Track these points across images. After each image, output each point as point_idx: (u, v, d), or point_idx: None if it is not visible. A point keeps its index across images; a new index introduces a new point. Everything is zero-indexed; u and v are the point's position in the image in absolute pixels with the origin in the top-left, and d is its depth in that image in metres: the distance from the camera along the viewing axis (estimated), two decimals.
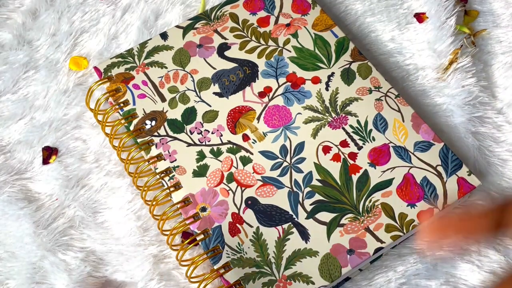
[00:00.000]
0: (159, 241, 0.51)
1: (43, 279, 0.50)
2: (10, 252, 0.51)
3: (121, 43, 0.61)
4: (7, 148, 0.56)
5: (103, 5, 0.63)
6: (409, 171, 0.51)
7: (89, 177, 0.54)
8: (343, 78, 0.55)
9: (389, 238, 0.48)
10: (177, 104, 0.54)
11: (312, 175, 0.51)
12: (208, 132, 0.53)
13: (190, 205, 0.50)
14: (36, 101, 0.58)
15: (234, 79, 0.56)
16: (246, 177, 0.51)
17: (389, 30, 0.61)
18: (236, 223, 0.49)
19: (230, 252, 0.48)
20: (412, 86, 0.59)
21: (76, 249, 0.51)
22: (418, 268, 0.50)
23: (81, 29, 0.61)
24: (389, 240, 0.48)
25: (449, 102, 0.57)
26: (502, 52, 0.61)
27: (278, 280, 0.47)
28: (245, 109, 0.54)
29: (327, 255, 0.47)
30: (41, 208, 0.53)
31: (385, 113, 0.53)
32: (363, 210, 0.49)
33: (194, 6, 0.63)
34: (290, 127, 0.53)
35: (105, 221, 0.53)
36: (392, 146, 0.52)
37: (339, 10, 0.63)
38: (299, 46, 0.57)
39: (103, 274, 0.50)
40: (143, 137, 0.53)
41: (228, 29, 0.59)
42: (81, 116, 0.57)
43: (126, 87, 0.55)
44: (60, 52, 0.60)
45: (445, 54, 0.59)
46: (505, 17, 0.63)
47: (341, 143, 0.52)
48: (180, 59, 0.57)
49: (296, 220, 0.49)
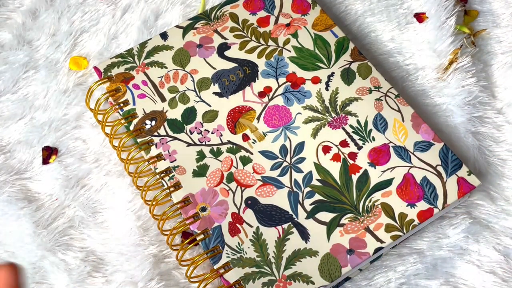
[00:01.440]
0: (159, 241, 0.51)
1: (43, 279, 0.50)
2: (10, 252, 0.51)
3: (121, 43, 0.61)
4: (7, 148, 0.56)
5: (103, 5, 0.63)
6: (409, 171, 0.51)
7: (89, 177, 0.54)
8: (343, 78, 0.55)
9: (389, 238, 0.48)
10: (177, 104, 0.54)
11: (312, 175, 0.51)
12: (208, 132, 0.53)
13: (190, 205, 0.50)
14: (36, 101, 0.58)
15: (234, 79, 0.56)
16: (246, 177, 0.51)
17: (389, 30, 0.61)
18: (236, 223, 0.49)
19: (230, 252, 0.48)
20: (412, 86, 0.59)
21: (76, 249, 0.51)
22: (418, 268, 0.50)
23: (81, 29, 0.62)
24: (389, 240, 0.48)
25: (449, 102, 0.57)
26: (502, 52, 0.61)
27: (278, 280, 0.47)
28: (245, 109, 0.54)
29: (327, 255, 0.47)
30: (41, 208, 0.53)
31: (385, 113, 0.53)
32: (363, 210, 0.49)
33: (194, 6, 0.63)
34: (290, 127, 0.53)
35: (105, 221, 0.53)
36: (392, 146, 0.52)
37: (339, 10, 0.63)
38: (299, 46, 0.57)
39: (103, 274, 0.50)
40: (143, 137, 0.53)
41: (228, 29, 0.59)
42: (81, 116, 0.57)
43: (126, 87, 0.55)
44: (60, 52, 0.60)
45: (445, 54, 0.59)
46: (505, 17, 0.63)
47: (341, 143, 0.52)
48: (180, 59, 0.57)
49: (296, 220, 0.49)
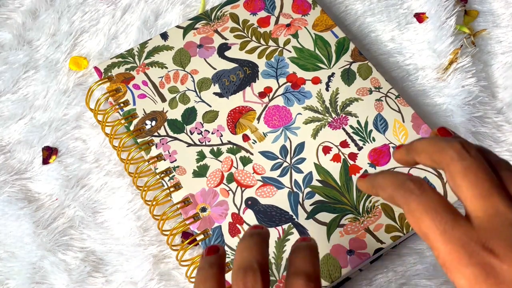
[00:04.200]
0: (159, 241, 0.51)
1: (43, 279, 0.50)
2: (10, 252, 0.51)
3: (121, 43, 0.61)
4: (7, 148, 0.56)
5: (103, 5, 0.63)
6: (409, 171, 0.51)
7: (89, 177, 0.54)
8: (343, 78, 0.55)
9: (389, 239, 0.48)
10: (177, 104, 0.54)
11: (312, 176, 0.51)
12: (208, 132, 0.53)
13: (190, 205, 0.50)
14: (36, 101, 0.58)
15: (234, 79, 0.56)
16: (246, 177, 0.51)
17: (389, 30, 0.61)
18: (236, 223, 0.49)
19: (230, 253, 0.48)
20: (412, 86, 0.59)
21: (76, 249, 0.51)
22: (418, 268, 0.50)
23: (81, 29, 0.61)
24: (389, 240, 0.48)
25: (449, 102, 0.57)
26: (502, 52, 0.61)
27: (278, 280, 0.47)
28: (245, 109, 0.54)
29: (327, 256, 0.47)
30: (41, 208, 0.53)
31: (385, 114, 0.54)
32: (363, 210, 0.49)
33: (194, 6, 0.63)
34: (290, 128, 0.53)
35: (105, 221, 0.53)
36: (392, 147, 0.52)
37: (339, 10, 0.63)
38: (299, 47, 0.57)
39: (103, 274, 0.50)
40: (143, 137, 0.53)
41: (228, 29, 0.58)
42: (81, 116, 0.57)
43: (126, 87, 0.55)
44: (60, 52, 0.60)
45: (445, 54, 0.59)
46: (505, 17, 0.63)
47: (341, 144, 0.52)
48: (180, 59, 0.57)
49: (296, 220, 0.49)
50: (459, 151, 0.33)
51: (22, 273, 0.50)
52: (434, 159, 0.34)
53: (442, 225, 0.31)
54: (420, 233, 0.32)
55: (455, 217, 0.31)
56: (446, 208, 0.31)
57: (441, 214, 0.31)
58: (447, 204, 0.32)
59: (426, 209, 0.32)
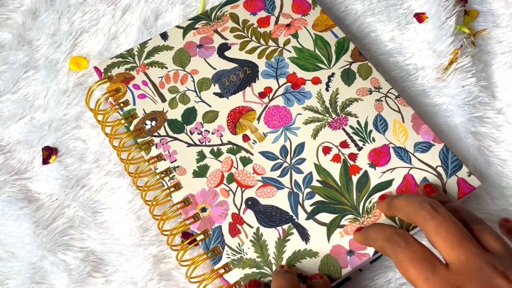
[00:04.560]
0: (159, 241, 0.51)
1: (43, 279, 0.50)
2: (10, 252, 0.51)
3: (121, 43, 0.61)
4: (7, 148, 0.56)
5: (103, 5, 0.63)
6: (409, 172, 0.51)
7: (89, 177, 0.54)
8: (343, 78, 0.55)
9: None
10: (177, 104, 0.54)
11: (312, 176, 0.51)
12: (208, 133, 0.53)
13: (190, 205, 0.50)
14: (36, 101, 0.58)
15: (234, 80, 0.56)
16: (246, 177, 0.51)
17: (389, 30, 0.61)
18: (236, 223, 0.49)
19: (230, 253, 0.48)
20: (412, 86, 0.59)
21: (76, 249, 0.51)
22: None
23: (81, 29, 0.61)
24: None
25: (449, 102, 0.57)
26: (502, 52, 0.61)
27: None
28: (245, 109, 0.54)
29: (327, 256, 0.47)
30: (41, 208, 0.53)
31: (385, 114, 0.53)
32: (363, 211, 0.49)
33: (194, 6, 0.63)
34: (290, 128, 0.53)
35: (105, 221, 0.53)
36: (392, 147, 0.52)
37: (339, 10, 0.63)
38: (299, 47, 0.57)
39: (103, 274, 0.50)
40: (143, 137, 0.53)
41: (228, 29, 0.58)
42: (81, 116, 0.57)
43: (126, 87, 0.55)
44: (60, 52, 0.60)
45: (445, 54, 0.59)
46: (505, 17, 0.63)
47: (341, 144, 0.52)
48: (180, 59, 0.57)
49: (296, 221, 0.49)
50: (430, 212, 0.40)
51: (22, 273, 0.50)
52: (411, 219, 0.42)
53: (424, 272, 0.38)
54: (408, 280, 0.39)
55: (435, 265, 0.38)
56: (427, 258, 0.39)
57: (422, 263, 0.38)
58: (429, 254, 0.39)
59: (410, 260, 0.39)
